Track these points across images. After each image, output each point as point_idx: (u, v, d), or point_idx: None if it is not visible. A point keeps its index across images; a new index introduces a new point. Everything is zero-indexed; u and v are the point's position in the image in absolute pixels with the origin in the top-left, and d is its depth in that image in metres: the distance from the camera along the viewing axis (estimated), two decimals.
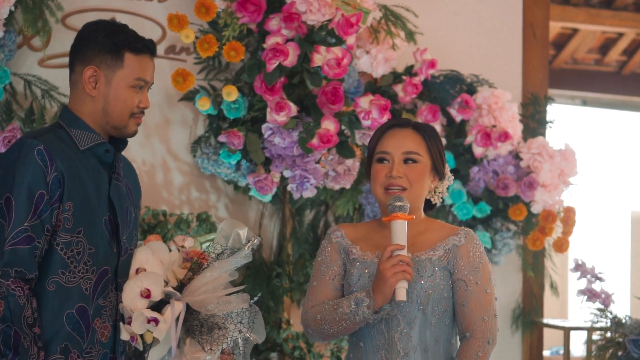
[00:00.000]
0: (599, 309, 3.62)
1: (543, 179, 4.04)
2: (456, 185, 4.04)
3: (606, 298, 3.64)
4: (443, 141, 2.97)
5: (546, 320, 4.52)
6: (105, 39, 2.42)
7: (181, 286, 2.31)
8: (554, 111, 4.49)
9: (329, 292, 2.49)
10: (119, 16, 3.71)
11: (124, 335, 2.30)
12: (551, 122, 4.39)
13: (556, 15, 5.61)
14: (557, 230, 4.25)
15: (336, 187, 3.75)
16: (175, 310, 2.26)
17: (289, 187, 3.67)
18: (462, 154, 4.06)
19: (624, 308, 5.75)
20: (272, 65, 3.46)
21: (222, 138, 3.62)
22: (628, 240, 7.56)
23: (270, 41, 3.50)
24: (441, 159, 2.52)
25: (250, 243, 2.32)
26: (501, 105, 4.05)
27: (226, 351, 2.34)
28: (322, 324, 2.44)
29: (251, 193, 3.74)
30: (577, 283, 3.75)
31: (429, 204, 2.59)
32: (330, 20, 3.57)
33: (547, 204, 4.11)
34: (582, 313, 3.83)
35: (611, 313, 3.58)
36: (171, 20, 3.58)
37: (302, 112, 3.62)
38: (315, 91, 3.56)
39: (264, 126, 3.59)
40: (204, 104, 3.64)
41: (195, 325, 2.30)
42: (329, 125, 3.51)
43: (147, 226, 3.62)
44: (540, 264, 4.44)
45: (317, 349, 3.90)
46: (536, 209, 4.10)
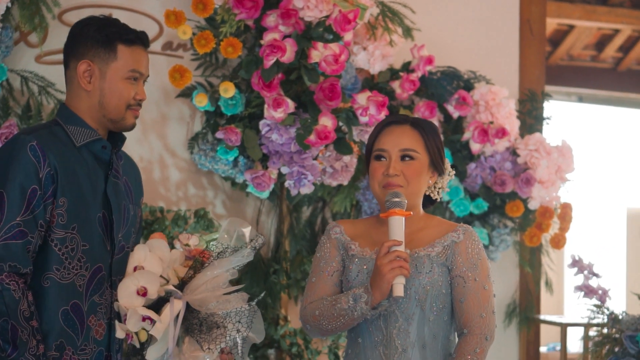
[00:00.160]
0: (595, 305, 3.63)
1: (540, 175, 4.05)
2: (453, 181, 4.04)
3: (603, 294, 3.65)
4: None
5: (543, 317, 4.53)
6: (97, 32, 2.42)
7: (182, 284, 2.30)
8: (550, 107, 4.49)
9: (327, 288, 2.49)
10: (116, 12, 3.69)
11: (119, 333, 2.29)
12: (548, 118, 4.39)
13: (552, 12, 5.61)
14: (554, 227, 4.26)
15: (334, 183, 3.75)
16: (174, 308, 2.26)
17: (286, 184, 3.67)
18: (459, 151, 4.07)
19: (619, 304, 5.75)
20: (269, 62, 3.46)
21: (219, 134, 3.62)
22: (624, 237, 7.57)
23: (268, 37, 3.49)
24: (440, 155, 2.52)
25: (252, 242, 2.31)
26: (498, 101, 4.05)
27: (225, 350, 2.33)
28: (321, 319, 2.44)
29: (248, 189, 3.73)
30: (574, 279, 3.76)
31: (429, 199, 2.59)
32: (327, 17, 3.57)
33: (544, 201, 4.12)
34: (578, 309, 3.84)
35: (608, 309, 3.59)
36: (168, 17, 3.57)
37: (300, 109, 3.62)
38: (313, 87, 3.56)
39: (261, 122, 3.59)
40: (202, 101, 3.64)
41: (194, 324, 2.29)
42: (326, 122, 3.51)
43: (144, 223, 3.61)
44: (537, 260, 4.45)
45: (315, 345, 3.90)
46: (533, 205, 4.11)
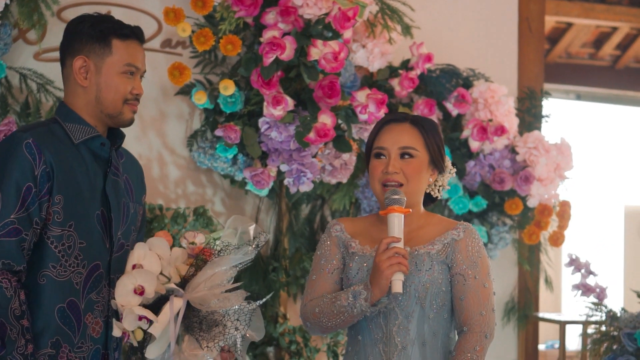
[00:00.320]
0: (593, 303, 3.63)
1: (539, 173, 4.05)
2: (452, 179, 4.04)
3: (600, 292, 3.65)
4: None
5: (541, 314, 4.53)
6: (91, 28, 2.42)
7: (184, 282, 2.30)
8: (548, 105, 4.50)
9: (327, 286, 2.49)
10: (115, 9, 3.69)
11: (116, 331, 2.29)
12: (547, 116, 4.39)
13: (551, 10, 5.60)
14: (553, 224, 4.26)
15: (333, 181, 3.74)
16: (174, 307, 2.25)
17: (285, 181, 3.66)
18: (458, 148, 4.06)
19: (617, 301, 5.76)
20: (269, 59, 3.46)
21: (218, 132, 3.62)
22: (621, 234, 7.57)
23: (267, 35, 3.49)
24: (440, 153, 2.52)
25: (255, 240, 2.30)
26: (497, 99, 4.05)
27: (225, 348, 2.33)
28: (321, 317, 2.44)
29: (248, 187, 3.73)
30: (571, 277, 3.76)
31: (430, 197, 2.59)
32: (327, 14, 3.57)
33: (543, 198, 4.12)
34: (576, 307, 3.84)
35: (606, 307, 3.60)
36: (167, 14, 3.56)
37: (299, 106, 3.61)
38: (312, 85, 3.56)
39: (260, 120, 3.58)
40: (201, 98, 3.63)
41: (194, 322, 2.29)
42: (325, 119, 3.51)
43: None
44: (536, 258, 4.45)
45: (314, 343, 3.90)
46: (532, 203, 4.11)
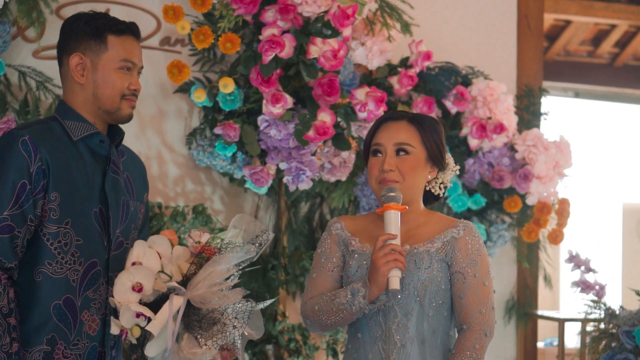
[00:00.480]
0: (592, 301, 3.63)
1: (538, 170, 4.05)
2: (451, 177, 4.04)
3: (600, 290, 3.65)
4: None
5: (540, 312, 4.54)
6: (86, 26, 2.43)
7: (187, 281, 2.29)
8: (547, 103, 4.50)
9: (327, 284, 2.49)
10: (114, 7, 3.69)
11: (114, 329, 2.28)
12: (546, 114, 4.40)
13: (549, 7, 5.59)
14: (552, 222, 4.26)
15: (332, 179, 3.74)
16: (174, 305, 2.25)
17: (284, 179, 3.66)
18: (457, 146, 4.06)
19: (615, 299, 5.77)
20: (268, 57, 3.45)
21: (217, 130, 3.61)
22: (620, 232, 7.57)
23: (266, 33, 3.49)
24: (439, 149, 2.51)
25: (257, 238, 2.29)
26: (496, 97, 4.05)
27: (225, 347, 2.33)
28: (320, 314, 2.44)
29: (247, 185, 3.73)
30: (570, 275, 3.76)
31: (433, 195, 2.58)
32: (326, 12, 3.56)
33: (542, 196, 4.12)
34: (574, 304, 3.84)
35: (605, 304, 3.60)
36: (166, 12, 3.56)
37: (298, 104, 3.61)
38: (311, 83, 3.56)
39: (259, 118, 3.58)
40: (200, 96, 3.63)
41: (194, 320, 2.29)
42: (325, 117, 3.50)
43: None
44: (535, 255, 4.45)
45: (313, 341, 3.90)
46: (531, 200, 4.11)
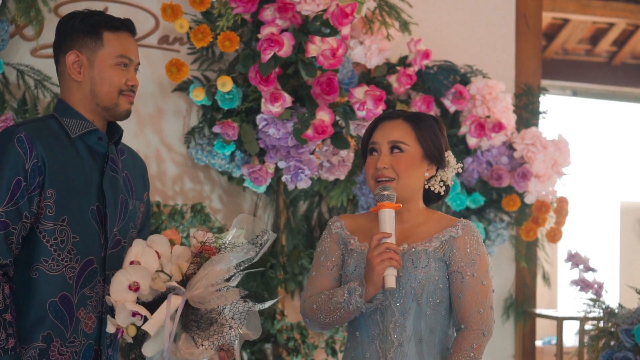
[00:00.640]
0: (591, 299, 3.63)
1: (536, 169, 4.05)
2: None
3: (598, 288, 3.65)
4: None
5: (539, 311, 4.54)
6: (81, 23, 2.43)
7: (187, 280, 2.29)
8: (545, 101, 4.50)
9: (327, 283, 2.49)
10: (112, 6, 3.68)
11: (110, 327, 2.28)
12: (544, 112, 4.40)
13: (547, 6, 5.60)
14: (550, 221, 4.27)
15: (330, 178, 3.74)
16: (172, 305, 2.24)
17: (283, 178, 3.66)
18: (456, 145, 4.07)
19: (613, 297, 5.77)
20: (266, 56, 3.45)
21: (216, 129, 3.61)
22: (617, 230, 7.59)
23: (265, 31, 3.48)
24: (436, 147, 2.50)
25: (257, 238, 2.29)
26: (495, 95, 4.05)
27: (222, 347, 2.32)
28: (318, 313, 2.44)
29: (245, 184, 3.73)
30: (568, 273, 3.76)
31: (434, 194, 2.56)
32: (325, 11, 3.56)
33: (541, 195, 4.12)
34: (572, 303, 3.84)
35: (604, 303, 3.60)
36: (165, 10, 3.56)
37: (297, 103, 3.61)
38: (310, 82, 3.55)
39: (258, 117, 3.58)
40: (199, 95, 3.63)
41: (192, 320, 2.28)
42: (323, 116, 3.50)
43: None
44: (533, 254, 4.46)
45: (312, 339, 3.90)
46: (529, 199, 4.11)
